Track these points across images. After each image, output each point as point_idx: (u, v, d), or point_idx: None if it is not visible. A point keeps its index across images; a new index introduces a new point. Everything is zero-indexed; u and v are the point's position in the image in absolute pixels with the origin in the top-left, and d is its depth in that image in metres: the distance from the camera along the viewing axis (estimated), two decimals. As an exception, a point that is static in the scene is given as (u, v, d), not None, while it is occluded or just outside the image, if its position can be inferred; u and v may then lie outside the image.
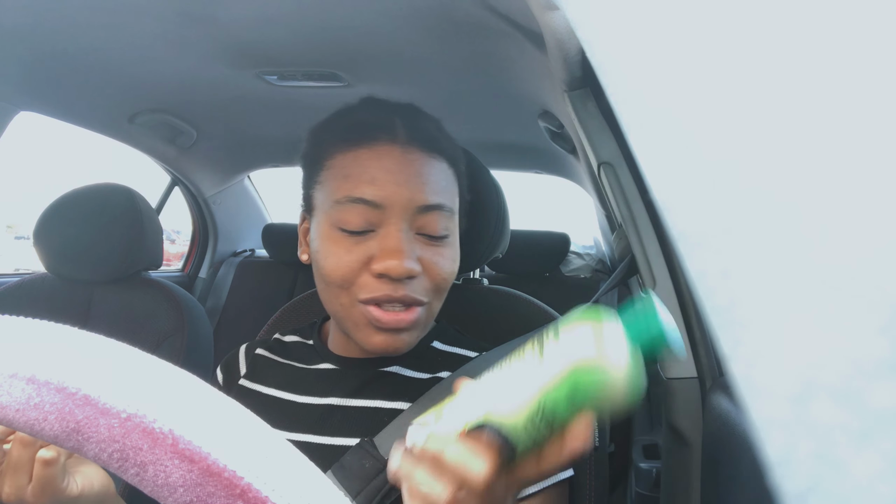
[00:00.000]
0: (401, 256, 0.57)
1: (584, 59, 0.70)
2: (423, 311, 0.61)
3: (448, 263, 0.62)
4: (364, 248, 0.59)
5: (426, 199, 0.59)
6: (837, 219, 0.14)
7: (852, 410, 0.13)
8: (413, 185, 0.59)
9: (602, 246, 2.28)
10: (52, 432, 0.21)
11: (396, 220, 0.58)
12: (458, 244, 0.66)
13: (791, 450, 0.14)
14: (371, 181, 0.58)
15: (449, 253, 0.62)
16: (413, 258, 0.58)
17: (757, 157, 0.16)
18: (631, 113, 0.18)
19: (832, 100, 0.15)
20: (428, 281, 0.60)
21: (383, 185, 0.58)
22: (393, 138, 0.61)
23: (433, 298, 0.62)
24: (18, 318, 0.24)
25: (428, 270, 0.60)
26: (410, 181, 0.59)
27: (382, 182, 0.58)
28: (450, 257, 0.62)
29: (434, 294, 0.62)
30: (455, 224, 0.64)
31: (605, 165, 0.80)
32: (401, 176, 0.59)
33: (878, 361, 0.13)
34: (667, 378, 0.78)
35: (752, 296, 0.15)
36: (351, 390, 0.66)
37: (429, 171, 0.61)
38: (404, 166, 0.59)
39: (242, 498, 0.21)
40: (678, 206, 0.17)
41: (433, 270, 0.60)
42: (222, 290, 2.26)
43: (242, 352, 0.76)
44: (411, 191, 0.59)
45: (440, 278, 0.61)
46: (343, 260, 0.59)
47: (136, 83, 1.31)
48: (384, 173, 0.59)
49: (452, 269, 0.63)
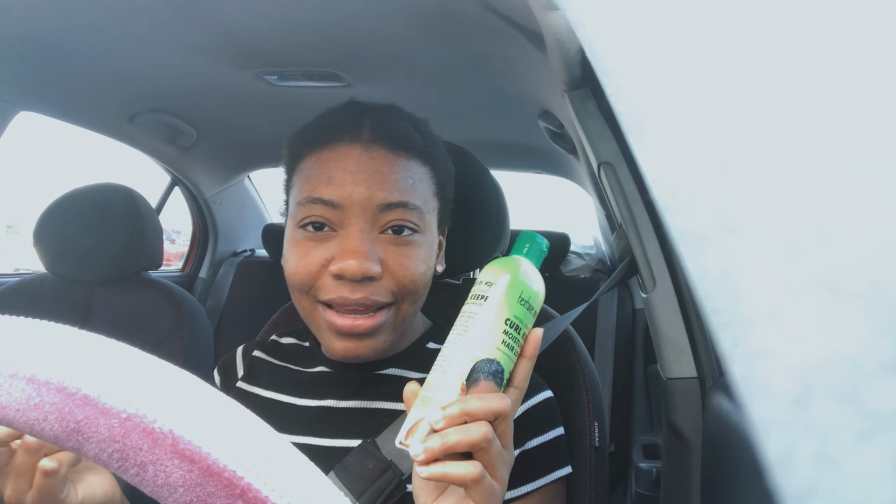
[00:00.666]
0: (357, 256, 0.55)
1: (584, 59, 0.70)
2: (388, 315, 0.59)
3: (415, 264, 0.59)
4: (325, 249, 0.58)
5: (386, 197, 0.57)
6: (837, 218, 0.14)
7: (852, 410, 0.13)
8: (372, 182, 0.57)
9: (602, 246, 2.28)
10: (52, 432, 0.21)
11: (356, 220, 0.57)
12: (434, 244, 0.63)
13: (791, 450, 0.14)
14: (329, 181, 0.57)
15: (416, 253, 0.59)
16: (373, 259, 0.56)
17: (757, 157, 0.16)
18: (631, 113, 0.18)
19: (833, 99, 0.15)
20: (392, 282, 0.58)
21: (341, 184, 0.57)
22: (355, 138, 0.59)
23: (401, 300, 0.59)
24: (18, 318, 0.24)
25: (391, 272, 0.58)
26: (370, 179, 0.57)
27: (340, 181, 0.57)
28: (417, 258, 0.59)
29: (402, 296, 0.59)
30: (427, 223, 0.61)
31: (605, 165, 0.80)
32: (360, 175, 0.57)
33: (878, 361, 0.13)
34: (667, 378, 0.78)
35: (752, 296, 0.15)
36: (348, 393, 0.66)
37: (391, 169, 0.58)
38: (364, 165, 0.58)
39: (242, 498, 0.21)
40: (678, 206, 0.17)
41: (397, 272, 0.58)
42: (222, 290, 2.26)
43: (240, 354, 0.76)
44: (370, 189, 0.57)
45: (406, 280, 0.58)
46: (303, 262, 0.58)
47: (136, 83, 1.31)
48: (342, 172, 0.57)
49: (421, 271, 0.60)
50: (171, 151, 1.81)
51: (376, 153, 0.59)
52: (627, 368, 1.90)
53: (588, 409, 0.77)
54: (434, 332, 0.72)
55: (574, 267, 2.15)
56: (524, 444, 0.62)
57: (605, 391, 1.83)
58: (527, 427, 0.62)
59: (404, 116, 0.66)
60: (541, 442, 0.62)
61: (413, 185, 0.59)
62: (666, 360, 0.77)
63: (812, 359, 0.14)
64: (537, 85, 1.11)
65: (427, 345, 0.70)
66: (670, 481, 0.81)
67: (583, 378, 0.79)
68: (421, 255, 0.60)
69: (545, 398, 0.65)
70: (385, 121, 0.62)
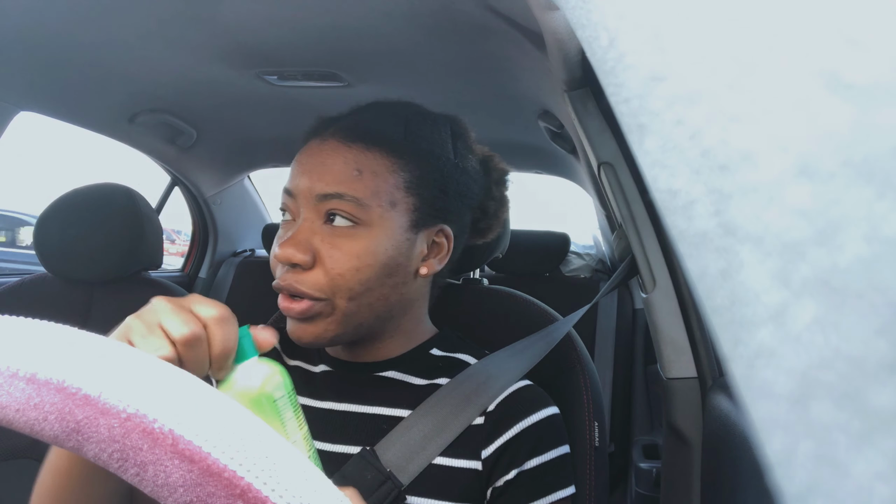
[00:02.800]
0: (288, 244, 0.57)
1: (584, 59, 0.70)
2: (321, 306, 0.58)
3: (346, 259, 0.57)
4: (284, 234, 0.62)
5: (323, 188, 0.58)
6: (837, 218, 0.14)
7: (852, 410, 0.13)
8: (314, 173, 0.59)
9: (602, 246, 2.28)
10: (52, 432, 0.21)
11: (302, 210, 0.60)
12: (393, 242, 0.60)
13: (791, 450, 0.14)
14: (292, 174, 0.62)
15: (351, 247, 0.57)
16: (304, 248, 0.57)
17: (757, 157, 0.16)
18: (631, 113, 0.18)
19: (832, 99, 0.15)
20: (322, 275, 0.57)
21: (295, 175, 0.61)
22: (320, 133, 0.63)
23: (333, 296, 0.58)
24: (18, 318, 0.24)
25: (322, 263, 0.57)
26: (314, 170, 0.60)
27: (295, 172, 0.61)
28: (351, 252, 0.57)
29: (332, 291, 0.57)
30: (377, 216, 0.58)
31: (605, 165, 0.80)
32: (307, 165, 0.60)
33: (878, 361, 0.13)
34: (667, 378, 0.78)
35: (752, 296, 0.15)
36: (349, 395, 0.65)
37: (334, 160, 0.59)
38: (314, 156, 0.60)
39: (242, 498, 0.21)
40: (678, 206, 0.17)
41: (327, 263, 0.57)
42: (222, 290, 2.26)
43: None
44: (311, 179, 0.59)
45: (335, 273, 0.57)
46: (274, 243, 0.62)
47: (136, 83, 1.31)
48: (298, 165, 0.61)
49: (353, 266, 0.57)
50: (171, 151, 1.81)
51: (328, 145, 0.61)
52: (627, 368, 1.90)
53: (588, 409, 0.77)
54: (439, 339, 0.71)
55: (574, 267, 2.15)
56: (522, 463, 0.60)
57: (605, 391, 1.83)
58: (526, 446, 0.61)
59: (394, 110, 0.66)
60: (541, 462, 0.60)
61: (358, 177, 0.58)
62: (666, 360, 0.77)
63: (812, 359, 0.14)
64: (537, 85, 1.11)
65: (430, 351, 0.69)
66: (670, 481, 0.81)
67: (583, 378, 0.79)
68: (358, 248, 0.57)
69: (547, 416, 0.63)
70: (361, 115, 0.65)
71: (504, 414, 0.62)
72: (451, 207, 0.65)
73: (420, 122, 0.65)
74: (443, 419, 0.61)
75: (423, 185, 0.62)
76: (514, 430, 0.61)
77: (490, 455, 0.60)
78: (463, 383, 0.64)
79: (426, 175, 0.62)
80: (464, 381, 0.64)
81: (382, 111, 0.66)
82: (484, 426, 0.62)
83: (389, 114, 0.65)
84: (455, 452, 0.61)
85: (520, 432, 0.61)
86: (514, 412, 0.62)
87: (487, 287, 0.91)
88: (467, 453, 0.61)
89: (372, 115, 0.65)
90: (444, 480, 0.60)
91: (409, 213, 0.61)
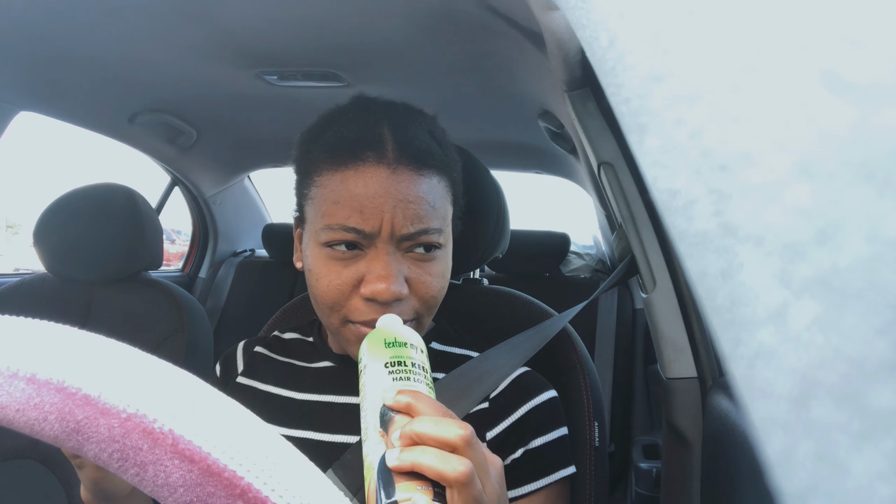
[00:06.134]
0: (388, 281, 0.56)
1: (584, 59, 0.70)
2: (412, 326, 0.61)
3: (436, 281, 0.61)
4: (353, 270, 0.59)
5: (411, 228, 0.58)
6: (837, 218, 0.14)
7: (852, 410, 0.13)
8: (399, 211, 0.57)
9: (602, 246, 2.28)
10: (52, 432, 0.21)
11: (384, 245, 0.58)
12: (450, 253, 0.65)
13: (791, 450, 0.14)
14: (361, 210, 0.57)
15: (437, 269, 0.61)
16: (400, 281, 0.58)
17: (757, 157, 0.16)
18: (631, 113, 0.18)
19: (832, 99, 0.15)
20: (416, 300, 0.60)
21: (371, 214, 0.57)
22: (380, 157, 0.58)
23: (423, 314, 0.62)
24: (18, 318, 0.24)
25: (415, 289, 0.60)
26: (397, 207, 0.57)
27: (371, 210, 0.57)
28: (438, 273, 0.61)
29: (424, 310, 0.61)
30: (446, 236, 0.62)
31: (605, 165, 0.80)
32: (388, 202, 0.57)
33: (878, 361, 0.13)
34: (667, 378, 0.78)
35: (752, 296, 0.15)
36: (349, 388, 0.66)
37: (416, 193, 0.58)
38: (391, 191, 0.57)
39: (242, 498, 0.21)
40: (678, 206, 0.17)
41: (421, 289, 0.60)
42: (222, 290, 2.27)
43: (240, 349, 0.76)
44: (396, 217, 0.57)
45: (429, 296, 0.61)
46: (333, 283, 0.59)
47: (136, 83, 1.31)
48: (372, 201, 0.57)
49: (441, 286, 0.62)
50: (171, 151, 1.82)
51: (402, 175, 0.58)
52: (627, 368, 1.90)
53: (588, 409, 0.77)
54: (437, 332, 0.73)
55: (574, 267, 2.15)
56: (528, 443, 0.63)
57: (605, 391, 1.83)
58: (530, 426, 0.63)
59: (418, 119, 0.64)
60: (545, 441, 0.63)
61: (435, 207, 0.60)
62: (666, 360, 0.77)
63: (812, 359, 0.14)
64: (537, 85, 1.11)
65: (430, 344, 0.71)
66: (670, 481, 0.81)
67: (583, 378, 0.79)
68: (441, 269, 0.62)
69: (549, 398, 0.66)
70: (405, 132, 0.61)
71: (509, 397, 0.65)
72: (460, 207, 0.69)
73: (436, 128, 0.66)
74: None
75: (456, 194, 0.66)
76: (520, 411, 0.64)
77: (496, 436, 0.63)
78: (458, 379, 0.66)
79: (456, 183, 0.66)
80: (459, 377, 0.66)
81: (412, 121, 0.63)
82: (489, 409, 0.64)
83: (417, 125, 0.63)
84: None
85: (524, 414, 0.64)
86: (518, 395, 0.65)
87: (487, 287, 0.91)
88: None
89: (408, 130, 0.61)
90: None
91: (451, 223, 0.65)
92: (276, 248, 2.27)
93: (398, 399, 0.43)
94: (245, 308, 2.20)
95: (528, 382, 0.67)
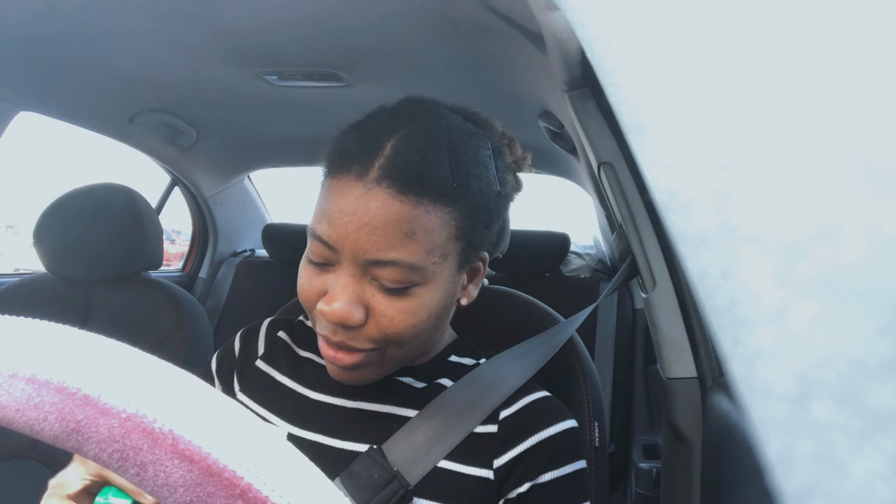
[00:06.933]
0: (339, 302, 0.53)
1: (584, 59, 0.70)
2: (371, 356, 0.57)
3: (402, 317, 0.55)
4: (321, 280, 0.56)
5: (375, 254, 0.53)
6: (837, 218, 0.14)
7: (852, 410, 0.13)
8: (363, 234, 0.52)
9: (602, 246, 2.28)
10: (52, 432, 0.21)
11: (347, 265, 0.54)
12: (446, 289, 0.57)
13: (791, 450, 0.14)
14: (328, 220, 0.54)
15: (408, 306, 0.55)
16: (356, 307, 0.54)
17: (757, 157, 0.16)
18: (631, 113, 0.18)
19: (832, 98, 0.15)
20: (375, 331, 0.55)
21: (336, 228, 0.53)
22: (362, 174, 0.53)
23: (385, 346, 0.57)
24: (18, 318, 0.24)
25: (376, 319, 0.55)
26: (361, 230, 0.52)
27: (336, 224, 0.53)
28: (407, 310, 0.55)
29: (386, 343, 0.56)
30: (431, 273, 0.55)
31: (605, 165, 0.80)
32: (353, 221, 0.53)
33: (878, 361, 0.13)
34: (667, 378, 0.78)
35: (752, 296, 0.15)
36: (360, 394, 0.65)
37: (387, 220, 0.52)
38: (360, 211, 0.53)
39: (242, 498, 0.21)
40: (678, 206, 0.17)
41: (381, 322, 0.55)
42: (222, 290, 2.27)
43: (264, 330, 0.74)
44: (360, 240, 0.53)
45: (390, 331, 0.55)
46: (305, 287, 0.57)
47: (136, 83, 1.31)
48: (339, 214, 0.53)
49: (410, 324, 0.55)
50: (171, 151, 1.82)
51: (376, 196, 0.52)
52: (627, 368, 1.90)
53: (588, 409, 0.77)
54: (457, 345, 0.70)
55: (574, 267, 2.15)
56: (536, 477, 0.58)
57: (605, 391, 1.83)
58: (541, 458, 0.59)
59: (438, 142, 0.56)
60: (555, 476, 0.59)
61: (412, 238, 0.53)
62: (666, 360, 0.77)
63: (812, 359, 0.14)
64: (537, 85, 1.11)
65: (449, 358, 0.68)
66: (670, 481, 0.81)
67: (583, 378, 0.79)
68: (413, 307, 0.55)
69: (564, 429, 0.61)
70: (406, 150, 0.54)
71: (520, 424, 0.61)
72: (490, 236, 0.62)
73: (463, 148, 0.57)
74: (447, 423, 0.61)
75: (471, 228, 0.57)
76: (530, 441, 0.60)
77: (503, 465, 0.59)
78: (467, 387, 0.63)
79: (473, 216, 0.57)
80: (468, 385, 0.63)
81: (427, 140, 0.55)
82: (498, 435, 0.61)
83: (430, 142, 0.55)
84: (465, 459, 0.60)
85: (535, 444, 0.59)
86: (530, 423, 0.61)
87: (487, 287, 0.91)
88: (478, 461, 0.60)
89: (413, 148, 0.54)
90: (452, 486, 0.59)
91: (457, 258, 0.58)
92: (276, 249, 2.27)
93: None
94: (245, 308, 2.20)
95: (544, 409, 0.62)
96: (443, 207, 0.54)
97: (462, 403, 0.62)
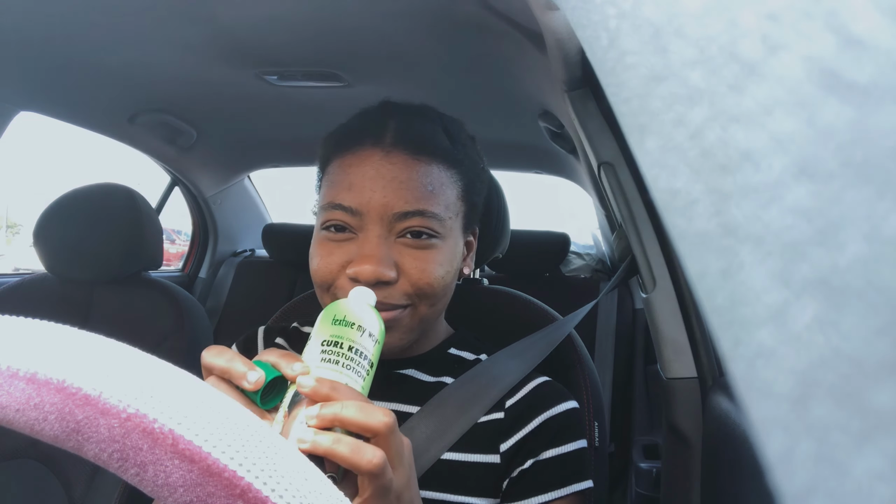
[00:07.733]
0: (372, 261, 0.56)
1: (584, 59, 0.70)
2: (404, 314, 0.60)
3: (432, 268, 0.59)
4: (344, 251, 0.59)
5: (403, 206, 0.58)
6: (837, 218, 0.14)
7: (852, 410, 0.13)
8: (390, 190, 0.58)
9: (602, 246, 2.28)
10: (52, 432, 0.21)
11: (373, 226, 0.58)
12: (457, 248, 0.63)
13: (791, 450, 0.14)
14: (349, 187, 0.58)
15: (435, 257, 0.60)
16: (388, 264, 0.57)
17: (757, 157, 0.16)
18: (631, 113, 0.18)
19: (832, 98, 0.15)
20: (408, 285, 0.59)
21: (360, 192, 0.58)
22: (376, 142, 0.60)
23: (419, 302, 0.60)
24: (18, 318, 0.24)
25: (407, 275, 0.58)
26: (387, 187, 0.58)
27: (359, 188, 0.58)
28: (435, 261, 0.60)
29: (419, 298, 0.60)
30: (448, 228, 0.61)
31: (605, 165, 0.80)
32: (378, 181, 0.58)
33: (878, 361, 0.13)
34: (667, 378, 0.78)
35: (752, 296, 0.15)
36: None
37: (409, 176, 0.58)
38: (382, 171, 0.58)
39: (242, 498, 0.21)
40: (678, 206, 0.17)
41: (413, 275, 0.58)
42: (222, 290, 2.26)
43: (261, 336, 0.75)
44: (387, 197, 0.57)
45: (423, 283, 0.59)
46: (324, 262, 0.59)
47: (136, 83, 1.31)
48: (361, 179, 0.58)
49: (438, 274, 0.60)
50: (171, 151, 1.82)
51: (396, 158, 0.59)
52: (627, 368, 1.90)
53: (588, 409, 0.77)
54: (456, 338, 0.72)
55: (574, 267, 2.15)
56: (539, 454, 0.61)
57: (605, 391, 1.83)
58: (544, 437, 0.62)
59: (433, 118, 0.65)
60: (557, 453, 0.61)
61: (433, 192, 0.59)
62: (666, 360, 0.77)
63: (812, 359, 0.14)
64: (537, 85, 1.11)
65: (449, 350, 0.70)
66: (670, 481, 0.81)
67: (583, 378, 0.79)
68: (439, 258, 0.60)
69: (566, 409, 0.64)
70: (409, 124, 0.62)
71: (524, 408, 0.64)
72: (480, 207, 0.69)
73: (455, 128, 0.66)
74: (446, 420, 0.62)
75: (471, 192, 0.65)
76: (534, 423, 0.63)
77: (509, 448, 0.62)
78: (466, 384, 0.64)
79: (472, 181, 0.65)
80: (467, 382, 0.65)
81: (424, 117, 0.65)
82: (504, 420, 0.63)
83: (428, 120, 0.64)
84: (471, 447, 0.62)
85: (539, 425, 0.62)
86: (534, 406, 0.64)
87: (487, 287, 0.91)
88: (485, 447, 0.62)
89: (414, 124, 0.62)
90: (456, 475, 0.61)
91: (462, 220, 0.64)
92: (276, 248, 2.27)
93: (301, 383, 0.44)
94: (245, 308, 2.20)
95: (546, 392, 0.65)
96: (450, 169, 0.62)
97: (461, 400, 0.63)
